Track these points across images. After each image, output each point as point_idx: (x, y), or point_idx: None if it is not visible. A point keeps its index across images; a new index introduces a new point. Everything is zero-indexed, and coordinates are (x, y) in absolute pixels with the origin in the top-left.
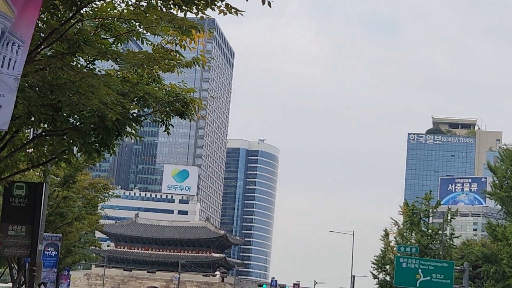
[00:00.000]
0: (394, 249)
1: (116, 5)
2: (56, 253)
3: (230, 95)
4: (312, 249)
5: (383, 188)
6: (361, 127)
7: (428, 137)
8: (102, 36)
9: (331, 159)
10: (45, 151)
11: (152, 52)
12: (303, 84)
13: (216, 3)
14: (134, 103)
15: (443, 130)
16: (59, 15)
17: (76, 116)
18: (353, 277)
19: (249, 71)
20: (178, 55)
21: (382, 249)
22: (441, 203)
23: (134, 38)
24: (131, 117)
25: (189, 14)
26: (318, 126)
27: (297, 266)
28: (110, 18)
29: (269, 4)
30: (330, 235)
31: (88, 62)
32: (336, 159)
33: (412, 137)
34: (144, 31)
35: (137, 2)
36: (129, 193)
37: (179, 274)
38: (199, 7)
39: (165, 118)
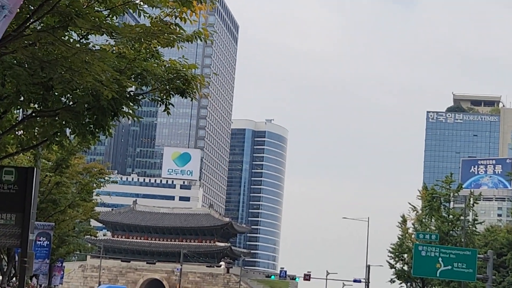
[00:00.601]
0: (413, 236)
1: None
2: (48, 243)
3: (235, 72)
4: (324, 238)
5: (400, 172)
6: (376, 107)
7: (449, 115)
8: (96, 8)
9: (344, 141)
10: (35, 133)
11: (150, 25)
12: (313, 61)
13: None
14: (131, 81)
15: (464, 108)
16: None
17: (68, 95)
18: (368, 267)
19: (254, 46)
20: (178, 29)
21: (400, 236)
22: (463, 186)
23: (131, 10)
24: (128, 96)
25: None
26: (329, 105)
27: (307, 256)
28: None
29: None
30: (343, 223)
31: (81, 37)
32: (349, 141)
33: (431, 115)
34: (141, 3)
35: None
36: (127, 178)
37: (181, 265)
38: None
39: (164, 97)
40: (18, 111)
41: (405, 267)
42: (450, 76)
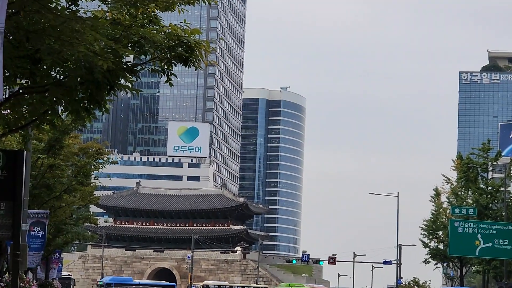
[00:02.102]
0: (448, 211)
1: None
2: (43, 233)
3: (244, 35)
4: (349, 216)
5: (432, 141)
6: (403, 70)
7: (484, 75)
8: None
9: (369, 110)
10: (24, 112)
11: None
12: (333, 23)
13: None
14: (128, 50)
15: (501, 66)
16: None
17: (58, 68)
18: (399, 246)
19: (265, 6)
20: None
21: (433, 212)
22: (502, 154)
23: None
24: (125, 66)
25: None
26: (352, 70)
27: (332, 237)
28: None
29: None
30: (370, 199)
31: (70, 3)
32: (374, 109)
33: (464, 76)
34: None
35: None
36: (128, 158)
37: (192, 252)
38: None
39: (166, 67)
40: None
41: (441, 246)
42: (484, 34)
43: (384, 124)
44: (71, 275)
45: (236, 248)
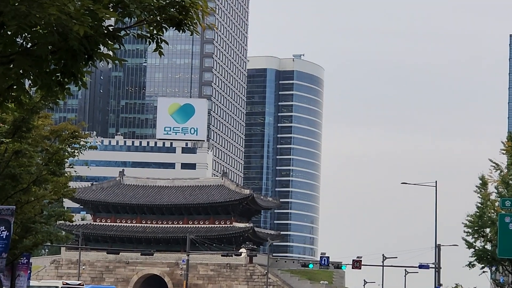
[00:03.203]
0: (496, 204)
1: None
2: (8, 233)
3: None
4: (378, 211)
5: (477, 119)
6: (444, 32)
7: None
8: None
9: (399, 81)
10: None
11: None
12: None
13: None
14: (109, 11)
15: None
16: None
17: (26, 34)
18: (438, 247)
19: None
20: None
21: (479, 205)
22: None
23: None
24: (105, 32)
25: None
26: (380, 31)
27: (356, 236)
28: None
29: None
30: (402, 189)
31: None
32: (406, 80)
33: None
34: None
35: None
36: (109, 142)
37: (188, 255)
38: None
39: (155, 32)
40: None
41: (488, 246)
42: None
43: (419, 98)
44: (83, 284)
45: (240, 250)
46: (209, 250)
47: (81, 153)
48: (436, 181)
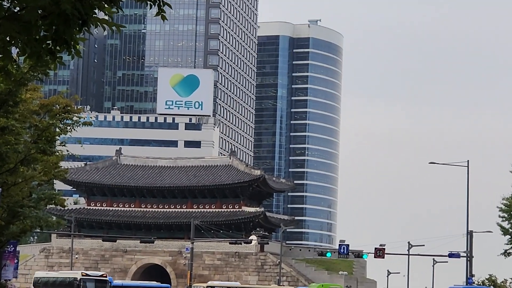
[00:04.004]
0: None
1: None
2: None
3: None
4: (403, 194)
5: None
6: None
7: None
8: None
9: (425, 51)
10: None
11: None
12: None
13: None
14: None
15: None
16: None
17: None
18: (469, 234)
19: None
20: None
21: None
22: None
23: None
24: None
25: None
26: None
27: (379, 222)
28: None
29: None
30: (430, 170)
31: None
32: (432, 50)
33: None
34: None
35: None
36: (105, 117)
37: (192, 243)
38: None
39: None
40: None
41: None
42: None
43: (450, 68)
44: (106, 276)
45: (250, 238)
46: (216, 237)
47: (74, 129)
48: (468, 161)
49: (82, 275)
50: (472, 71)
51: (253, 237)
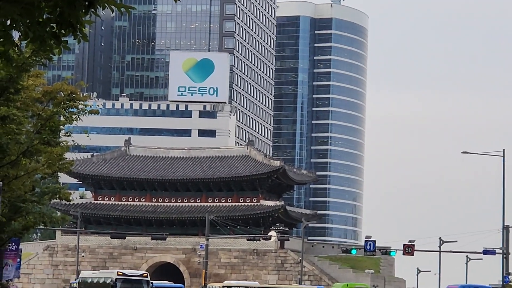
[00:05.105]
0: None
1: None
2: None
3: None
4: (433, 186)
5: None
6: None
7: None
8: None
9: (456, 32)
10: None
11: None
12: None
13: None
14: None
15: None
16: None
17: None
18: (506, 229)
19: None
20: None
21: None
22: None
23: None
24: None
25: None
26: None
27: (408, 216)
28: None
29: None
30: (462, 160)
31: None
32: (463, 32)
33: None
34: None
35: None
36: (113, 105)
37: (207, 240)
38: None
39: None
40: None
41: None
42: None
43: (484, 49)
44: (147, 275)
45: (269, 234)
46: (232, 234)
47: (80, 118)
48: (503, 150)
49: (118, 275)
50: (508, 53)
51: (272, 233)
